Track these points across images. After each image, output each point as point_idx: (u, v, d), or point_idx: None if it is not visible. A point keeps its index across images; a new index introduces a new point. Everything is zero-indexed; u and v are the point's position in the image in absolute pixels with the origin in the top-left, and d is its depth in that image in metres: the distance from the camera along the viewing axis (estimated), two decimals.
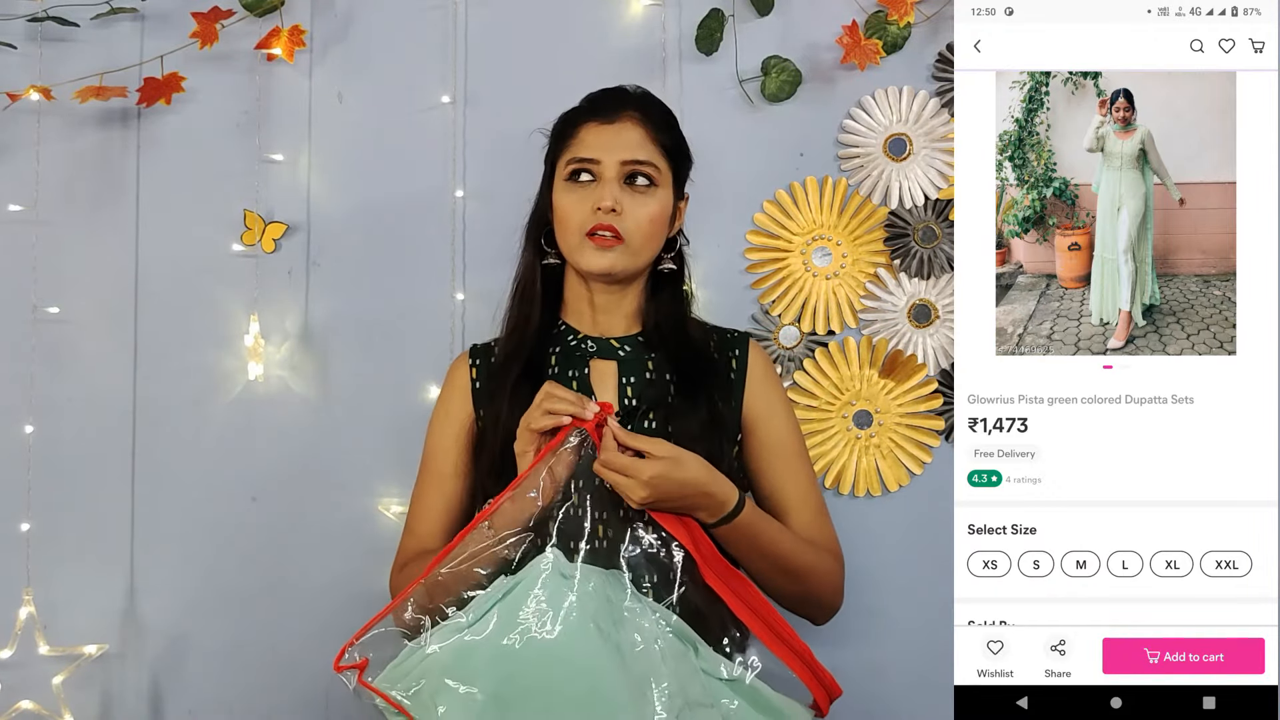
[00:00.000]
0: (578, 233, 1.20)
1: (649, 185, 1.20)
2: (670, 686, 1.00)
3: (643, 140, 1.21)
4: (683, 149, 1.27)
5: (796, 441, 1.28)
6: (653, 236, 1.22)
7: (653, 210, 1.20)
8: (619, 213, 1.18)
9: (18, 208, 1.62)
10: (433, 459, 1.28)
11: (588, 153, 1.20)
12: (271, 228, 1.64)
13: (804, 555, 1.19)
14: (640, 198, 1.20)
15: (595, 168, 1.20)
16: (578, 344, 1.26)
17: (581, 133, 1.21)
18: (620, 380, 1.24)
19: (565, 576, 1.05)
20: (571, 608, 1.02)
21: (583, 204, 1.19)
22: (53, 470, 1.63)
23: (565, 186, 1.21)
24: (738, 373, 1.27)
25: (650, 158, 1.21)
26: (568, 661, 1.00)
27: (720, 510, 1.11)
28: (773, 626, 1.10)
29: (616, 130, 1.20)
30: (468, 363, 1.30)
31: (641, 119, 1.21)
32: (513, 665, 1.00)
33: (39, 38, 1.63)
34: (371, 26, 1.67)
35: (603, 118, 1.21)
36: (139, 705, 1.64)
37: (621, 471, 1.07)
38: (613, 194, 1.18)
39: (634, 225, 1.19)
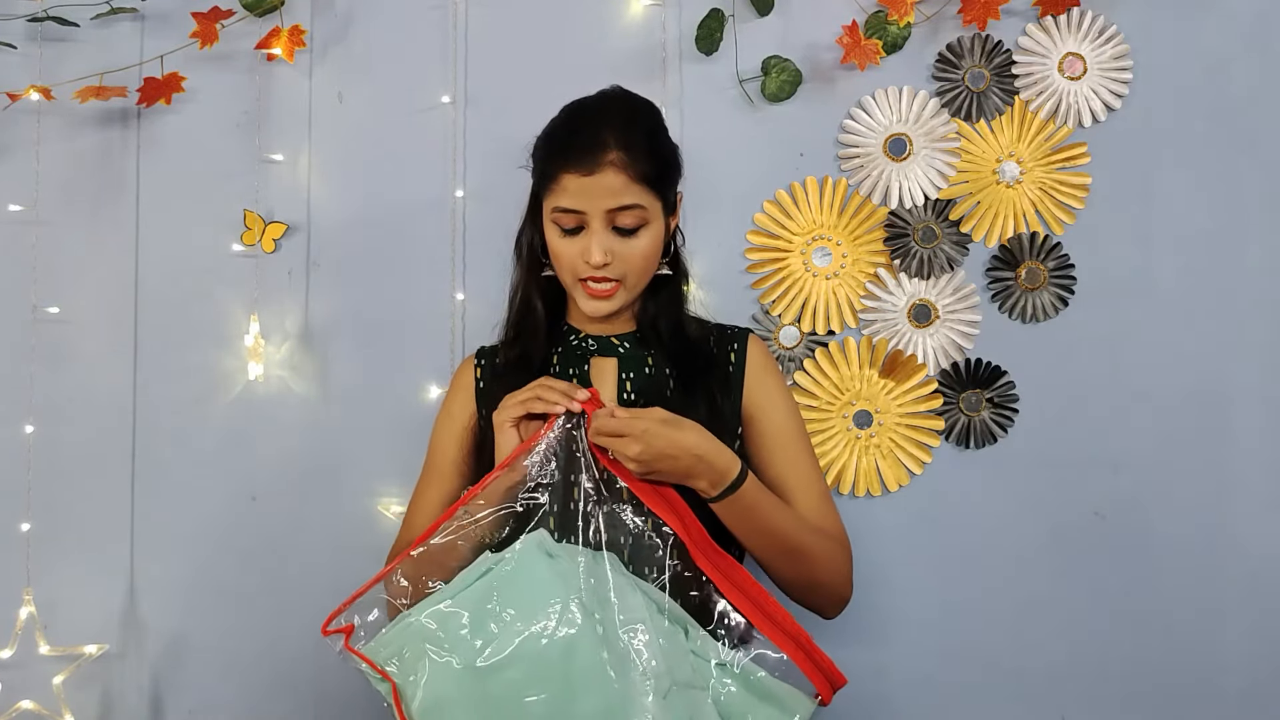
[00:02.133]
0: (570, 275, 1.21)
1: (638, 228, 1.18)
2: (658, 665, 1.01)
3: (626, 184, 1.15)
4: (668, 168, 1.22)
5: (798, 430, 1.28)
6: (649, 269, 1.22)
7: (645, 247, 1.19)
8: (611, 263, 1.18)
9: (18, 208, 1.63)
10: (433, 456, 1.31)
11: (571, 203, 1.17)
12: (271, 228, 1.64)
13: (807, 535, 1.19)
14: (631, 240, 1.18)
15: (581, 218, 1.17)
16: (579, 342, 1.28)
17: (564, 181, 1.16)
18: (620, 376, 1.26)
19: (551, 555, 1.06)
20: (554, 584, 1.03)
21: (571, 251, 1.19)
22: (53, 470, 1.63)
23: (554, 229, 1.20)
24: (736, 366, 1.28)
25: (636, 200, 1.16)
26: (549, 636, 1.01)
27: (721, 480, 1.12)
28: (765, 609, 1.09)
29: (598, 180, 1.15)
30: (474, 363, 1.33)
31: (621, 163, 1.15)
32: (492, 637, 1.01)
33: (39, 38, 1.63)
34: (371, 26, 1.67)
35: (581, 168, 1.15)
36: (139, 705, 1.64)
37: (615, 433, 1.08)
38: (601, 246, 1.16)
39: (628, 266, 1.19)
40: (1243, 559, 1.64)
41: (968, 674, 1.65)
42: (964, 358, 1.65)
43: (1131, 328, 1.64)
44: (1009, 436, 1.65)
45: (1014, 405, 1.65)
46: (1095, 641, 1.64)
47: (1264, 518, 1.64)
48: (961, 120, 1.64)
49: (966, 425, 1.65)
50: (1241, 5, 1.64)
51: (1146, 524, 1.64)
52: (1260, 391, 1.64)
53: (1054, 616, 1.64)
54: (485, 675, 1.00)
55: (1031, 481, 1.65)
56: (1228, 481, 1.64)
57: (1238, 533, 1.64)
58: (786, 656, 1.07)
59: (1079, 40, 1.63)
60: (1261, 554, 1.64)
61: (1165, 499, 1.64)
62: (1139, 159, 1.64)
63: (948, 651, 1.65)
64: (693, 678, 1.04)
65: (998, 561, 1.64)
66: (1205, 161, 1.64)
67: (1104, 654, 1.65)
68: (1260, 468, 1.64)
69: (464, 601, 1.04)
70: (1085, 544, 1.64)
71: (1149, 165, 1.64)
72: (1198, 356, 1.64)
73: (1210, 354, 1.64)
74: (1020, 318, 1.65)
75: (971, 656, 1.65)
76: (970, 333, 1.64)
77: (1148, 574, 1.64)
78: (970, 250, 1.65)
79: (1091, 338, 1.64)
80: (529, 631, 1.01)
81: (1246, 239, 1.64)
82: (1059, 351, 1.64)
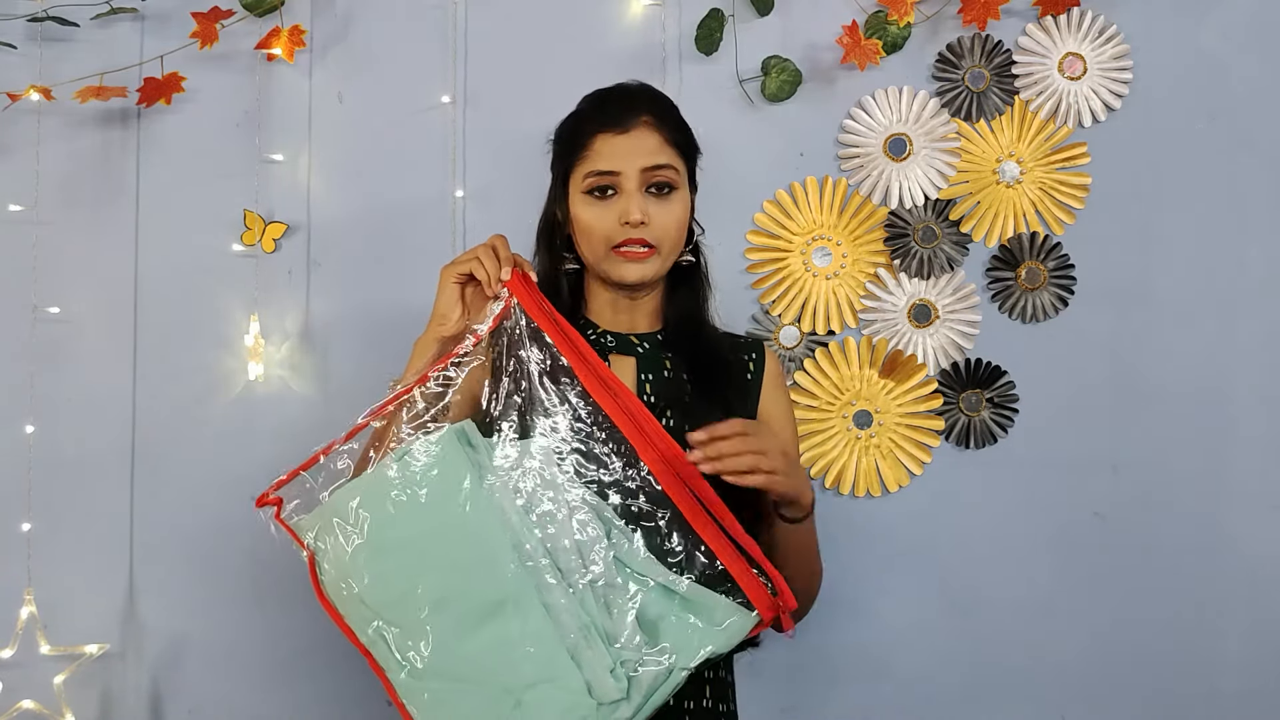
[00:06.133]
0: (604, 245, 1.19)
1: (671, 190, 1.19)
2: (573, 561, 1.01)
3: (660, 145, 1.18)
4: (693, 142, 1.26)
5: (795, 444, 1.31)
6: (680, 239, 1.22)
7: (678, 213, 1.20)
8: (647, 224, 1.17)
9: (18, 208, 1.62)
10: None
11: (607, 165, 1.17)
12: (271, 228, 1.64)
13: (818, 558, 1.23)
14: (665, 204, 1.19)
15: (616, 180, 1.17)
16: (596, 338, 1.26)
17: (596, 144, 1.18)
18: (639, 376, 1.24)
19: (471, 445, 1.06)
20: (464, 469, 1.03)
21: (606, 217, 1.18)
22: (53, 470, 1.63)
23: (585, 200, 1.19)
24: (754, 375, 1.28)
25: (669, 160, 1.19)
26: (454, 523, 1.01)
27: (806, 502, 1.13)
28: (715, 515, 1.04)
29: (633, 138, 1.17)
30: None
31: (656, 122, 1.19)
32: (391, 519, 1.02)
33: (39, 38, 1.63)
34: (371, 26, 1.67)
35: (617, 127, 1.17)
36: (139, 705, 1.64)
37: (748, 450, 1.04)
38: (639, 206, 1.16)
39: (663, 232, 1.19)
40: (1242, 559, 1.64)
41: (968, 674, 1.65)
42: (964, 358, 1.65)
43: (1132, 328, 1.64)
44: (1009, 437, 1.65)
45: (1014, 405, 1.65)
46: (1095, 641, 1.64)
47: (1264, 518, 1.64)
48: (961, 120, 1.64)
49: (966, 425, 1.65)
50: (1241, 5, 1.64)
51: (1146, 524, 1.64)
52: (1260, 391, 1.64)
53: (1054, 616, 1.64)
54: (380, 550, 1.02)
55: (1031, 482, 1.65)
56: (1228, 482, 1.64)
57: (1237, 533, 1.64)
58: (724, 566, 1.03)
59: (1079, 40, 1.63)
60: (1261, 554, 1.64)
61: (1165, 499, 1.64)
62: (1139, 159, 1.64)
63: (948, 651, 1.65)
64: (610, 576, 1.02)
65: (998, 562, 1.64)
66: (1205, 161, 1.64)
67: (1104, 654, 1.65)
68: (1260, 468, 1.64)
69: (371, 481, 1.05)
70: (1085, 544, 1.64)
71: (1149, 165, 1.64)
72: (1198, 356, 1.64)
73: (1210, 354, 1.64)
74: (1020, 318, 1.65)
75: (971, 656, 1.65)
76: (970, 333, 1.64)
77: (1147, 574, 1.64)
78: (970, 250, 1.65)
79: (1091, 338, 1.64)
80: (435, 513, 1.02)
81: (1246, 239, 1.64)
82: (1059, 351, 1.64)
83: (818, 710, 1.63)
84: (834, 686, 1.62)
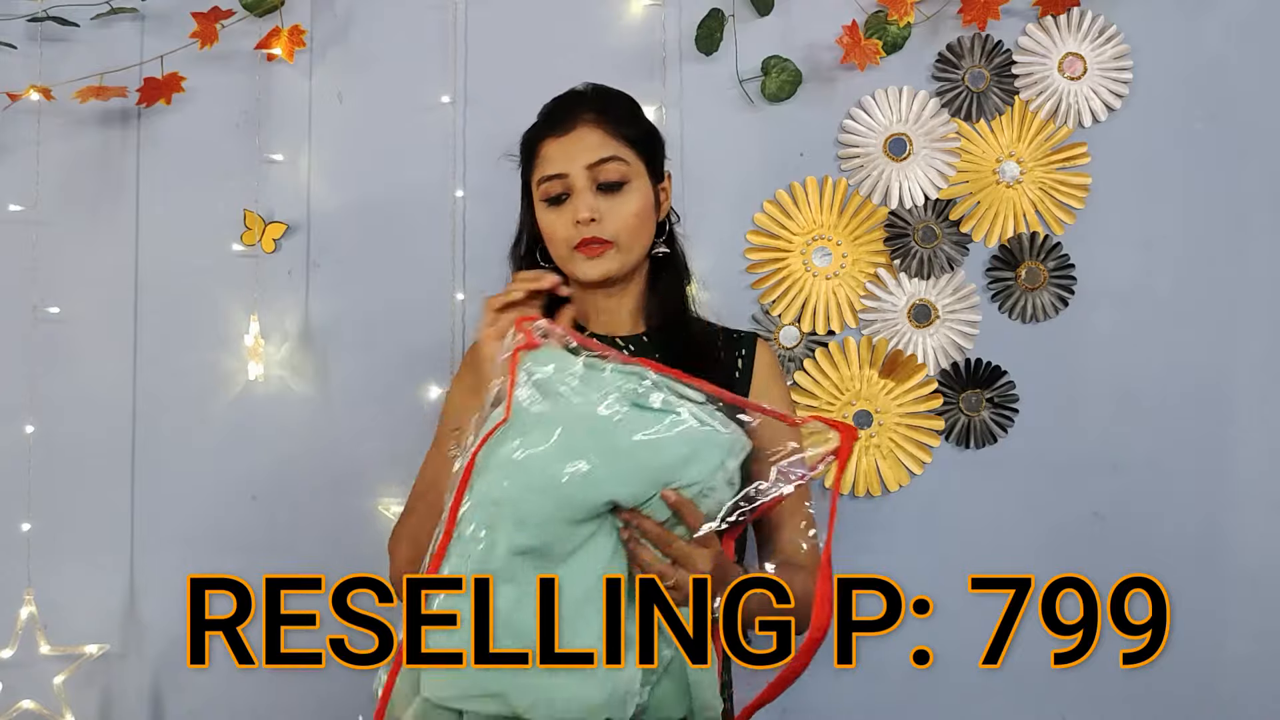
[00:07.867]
0: (565, 247, 1.21)
1: (622, 184, 1.20)
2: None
3: (603, 140, 1.19)
4: (649, 133, 1.25)
5: None
6: (641, 231, 1.22)
7: (633, 206, 1.20)
8: (599, 220, 1.18)
9: (18, 208, 1.63)
10: (446, 420, 1.28)
11: (552, 168, 1.20)
12: (271, 228, 1.64)
13: (804, 603, 1.12)
14: (617, 198, 1.19)
15: (565, 181, 1.19)
16: None
17: (543, 149, 1.21)
18: None
19: None
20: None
21: (563, 220, 1.20)
22: (53, 470, 1.63)
23: (544, 207, 1.22)
24: (743, 371, 1.27)
25: (615, 153, 1.19)
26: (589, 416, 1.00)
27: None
28: None
29: (574, 138, 1.19)
30: None
31: (596, 119, 1.20)
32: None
33: (39, 38, 1.63)
34: (371, 26, 1.67)
35: (558, 130, 1.20)
36: (139, 705, 1.64)
37: (679, 558, 1.02)
38: (588, 204, 1.18)
39: (618, 226, 1.19)
40: (1242, 559, 1.64)
41: (968, 674, 1.64)
42: (964, 358, 1.65)
43: (1131, 328, 1.64)
44: (1009, 437, 1.65)
45: (1014, 405, 1.65)
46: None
47: (1264, 518, 1.64)
48: (961, 120, 1.64)
49: (966, 425, 1.65)
50: (1241, 5, 1.64)
51: (1146, 524, 1.64)
52: (1260, 391, 1.64)
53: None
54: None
55: (1031, 482, 1.65)
56: (1227, 482, 1.64)
57: (1237, 533, 1.64)
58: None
59: (1079, 40, 1.63)
60: (1261, 554, 1.63)
61: (1165, 499, 1.64)
62: (1139, 159, 1.64)
63: (948, 651, 1.65)
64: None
65: (997, 561, 1.64)
66: (1205, 161, 1.64)
67: (1104, 654, 1.64)
68: (1260, 468, 1.64)
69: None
70: (1085, 544, 1.64)
71: (1149, 165, 1.64)
72: (1197, 357, 1.64)
73: (1210, 354, 1.64)
74: (1020, 318, 1.65)
75: (972, 656, 1.65)
76: (970, 333, 1.64)
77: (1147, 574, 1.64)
78: (970, 250, 1.65)
79: (1091, 338, 1.64)
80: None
81: (1246, 239, 1.64)
82: (1059, 351, 1.64)
83: (818, 710, 1.63)
84: (834, 686, 1.63)
